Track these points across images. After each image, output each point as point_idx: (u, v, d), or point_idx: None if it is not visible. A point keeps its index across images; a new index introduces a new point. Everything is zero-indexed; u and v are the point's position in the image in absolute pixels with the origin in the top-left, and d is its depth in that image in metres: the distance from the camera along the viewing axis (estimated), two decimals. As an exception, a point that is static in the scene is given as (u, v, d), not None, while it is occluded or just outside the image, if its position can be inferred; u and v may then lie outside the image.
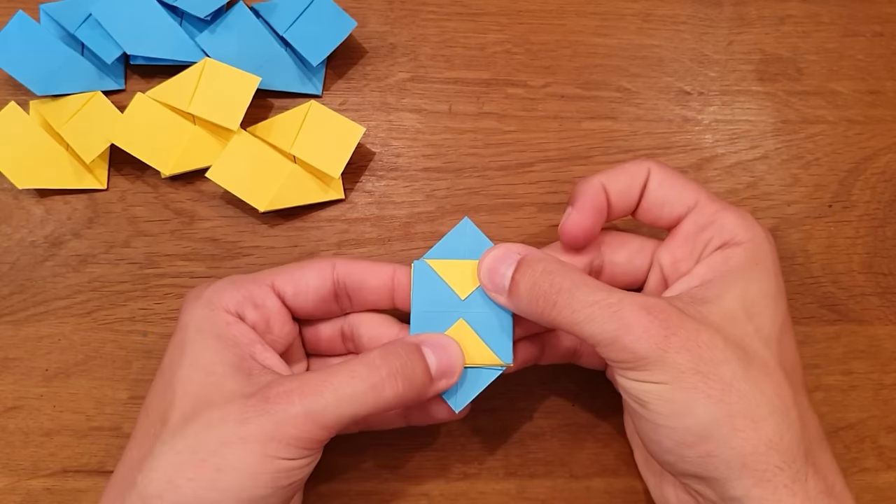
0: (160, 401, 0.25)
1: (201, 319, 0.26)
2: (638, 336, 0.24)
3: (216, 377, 0.25)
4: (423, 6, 0.39)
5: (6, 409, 0.34)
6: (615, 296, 0.25)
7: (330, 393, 0.24)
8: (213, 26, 0.36)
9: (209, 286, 0.28)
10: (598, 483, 0.33)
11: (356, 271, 0.29)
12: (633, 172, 0.29)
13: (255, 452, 0.23)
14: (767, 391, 0.24)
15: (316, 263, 0.29)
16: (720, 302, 0.25)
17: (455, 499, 0.33)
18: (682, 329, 0.24)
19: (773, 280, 0.27)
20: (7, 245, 0.35)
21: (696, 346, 0.24)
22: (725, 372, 0.24)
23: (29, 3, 0.37)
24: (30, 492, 0.33)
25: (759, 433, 0.23)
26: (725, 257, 0.27)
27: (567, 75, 0.38)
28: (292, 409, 0.23)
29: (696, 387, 0.23)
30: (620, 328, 0.24)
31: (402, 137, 0.37)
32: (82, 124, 0.35)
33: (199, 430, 0.24)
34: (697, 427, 0.24)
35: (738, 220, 0.27)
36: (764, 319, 0.26)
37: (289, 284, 0.28)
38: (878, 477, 0.34)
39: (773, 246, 0.27)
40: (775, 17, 0.40)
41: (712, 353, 0.24)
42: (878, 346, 0.36)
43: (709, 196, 0.28)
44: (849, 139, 0.38)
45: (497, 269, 0.27)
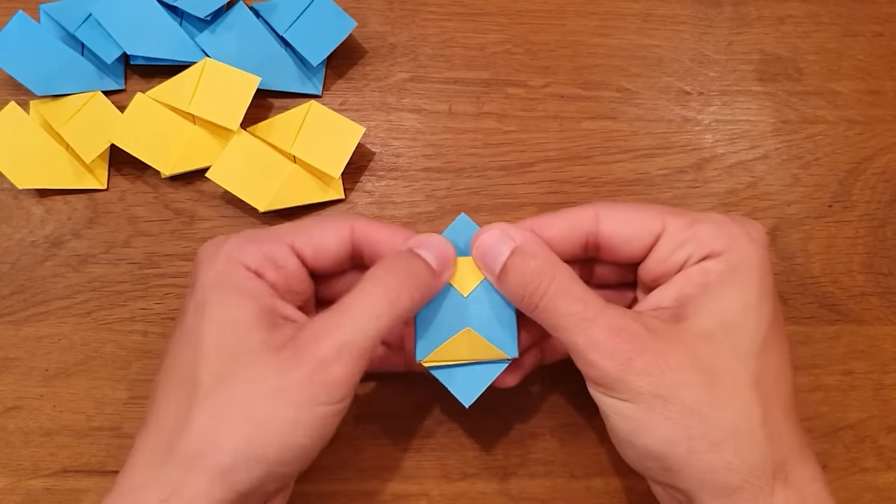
0: (189, 360, 0.25)
1: (219, 275, 0.26)
2: (603, 356, 0.24)
3: (242, 331, 0.25)
4: (423, 6, 0.39)
5: (6, 409, 0.34)
6: (592, 309, 0.25)
7: (351, 322, 0.24)
8: (213, 26, 0.36)
9: (226, 242, 0.27)
10: (598, 483, 0.33)
11: (373, 237, 0.28)
12: (573, 220, 0.28)
13: (295, 403, 0.23)
14: (731, 413, 0.24)
15: (335, 223, 0.28)
16: (696, 319, 0.25)
17: (455, 499, 0.33)
18: (647, 352, 0.24)
19: (755, 289, 0.26)
20: (7, 245, 0.35)
21: (658, 370, 0.24)
22: (687, 396, 0.24)
23: (29, 3, 0.37)
24: (30, 492, 0.33)
25: (718, 455, 0.24)
26: (703, 270, 0.26)
27: (567, 75, 0.38)
28: (322, 348, 0.24)
29: (654, 409, 0.24)
30: (588, 345, 0.24)
31: (402, 137, 0.37)
32: (82, 124, 0.35)
33: (236, 386, 0.24)
34: (656, 446, 0.24)
35: (714, 229, 0.26)
36: (742, 335, 0.25)
37: (308, 246, 0.28)
38: (878, 477, 0.34)
39: (759, 248, 0.27)
40: (775, 17, 0.40)
41: (676, 376, 0.24)
42: (878, 346, 0.36)
43: (675, 213, 0.27)
44: (849, 139, 0.38)
45: (490, 253, 0.27)
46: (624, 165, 0.37)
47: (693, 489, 0.24)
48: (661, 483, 0.26)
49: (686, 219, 0.27)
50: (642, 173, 0.37)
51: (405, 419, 0.34)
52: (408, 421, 0.34)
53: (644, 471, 0.26)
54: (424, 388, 0.34)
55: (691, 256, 0.27)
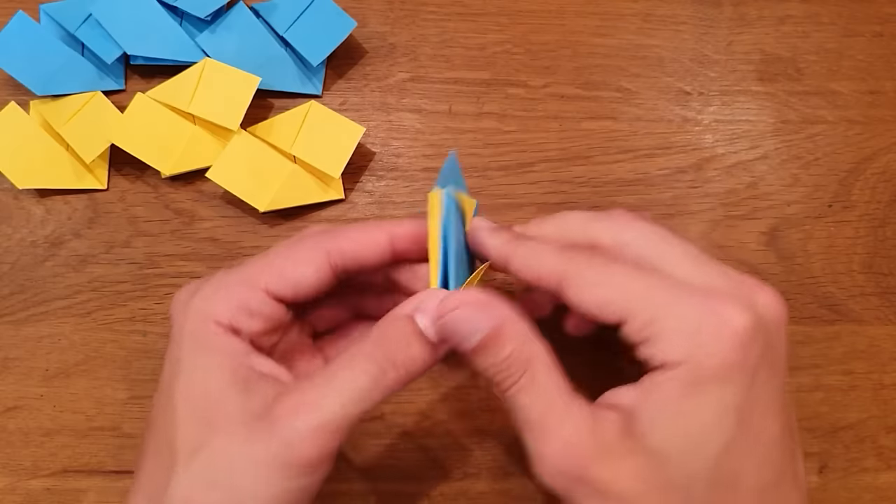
0: (166, 425, 0.24)
1: (192, 334, 0.25)
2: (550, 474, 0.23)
3: (218, 396, 0.24)
4: (423, 6, 0.39)
5: (6, 409, 0.34)
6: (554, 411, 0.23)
7: (334, 398, 0.23)
8: (213, 26, 0.36)
9: (196, 292, 0.26)
10: (598, 483, 0.33)
11: (351, 251, 0.27)
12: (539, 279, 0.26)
13: (271, 473, 0.23)
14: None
15: (307, 254, 0.26)
16: (646, 440, 0.23)
17: (455, 499, 0.33)
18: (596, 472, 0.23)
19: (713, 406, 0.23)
20: (7, 245, 0.35)
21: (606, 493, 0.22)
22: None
23: (29, 3, 0.37)
24: (30, 492, 0.33)
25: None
26: (656, 384, 0.23)
27: (567, 75, 0.38)
28: (299, 424, 0.23)
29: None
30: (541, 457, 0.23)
31: (402, 137, 0.37)
32: (82, 124, 0.35)
33: (208, 460, 0.23)
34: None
35: (675, 333, 0.23)
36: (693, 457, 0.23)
37: (286, 286, 0.26)
38: (878, 477, 0.34)
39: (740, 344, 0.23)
40: (775, 17, 0.40)
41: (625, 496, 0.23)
42: (878, 346, 0.36)
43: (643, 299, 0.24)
44: (849, 139, 0.38)
45: (467, 321, 0.24)
46: (624, 165, 0.37)
47: None
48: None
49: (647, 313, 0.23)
50: (642, 173, 0.37)
51: (405, 419, 0.34)
52: (408, 421, 0.34)
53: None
54: (424, 388, 0.34)
55: (647, 362, 0.24)
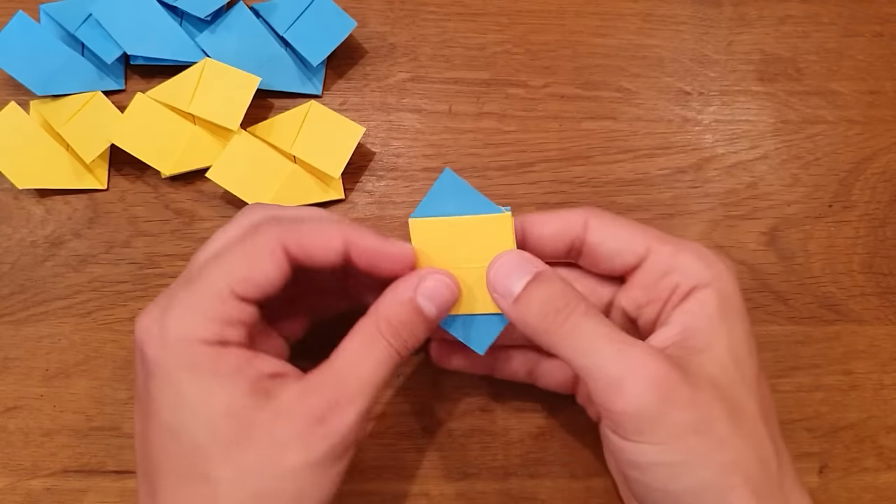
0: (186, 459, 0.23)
1: (188, 367, 0.23)
2: (643, 384, 0.23)
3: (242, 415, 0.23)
4: (423, 6, 0.39)
5: (6, 409, 0.34)
6: (621, 335, 0.24)
7: (369, 387, 0.24)
8: (213, 26, 0.36)
9: (165, 317, 0.24)
10: (598, 483, 0.33)
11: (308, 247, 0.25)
12: (565, 220, 0.28)
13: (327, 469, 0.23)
14: (752, 444, 0.24)
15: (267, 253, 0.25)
16: (711, 352, 0.25)
17: (455, 499, 0.33)
18: (684, 385, 0.23)
19: (745, 319, 0.26)
20: (7, 245, 0.35)
21: (696, 404, 0.23)
22: (721, 430, 0.23)
23: (29, 3, 0.37)
24: (30, 492, 0.33)
25: (750, 486, 0.23)
26: (701, 303, 0.26)
27: (567, 75, 0.38)
28: (348, 418, 0.24)
29: (694, 449, 0.23)
30: (625, 371, 0.23)
31: (402, 137, 0.37)
32: (82, 124, 0.35)
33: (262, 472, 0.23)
34: (694, 488, 0.23)
35: (698, 260, 0.26)
36: (746, 365, 0.25)
37: (251, 288, 0.24)
38: (878, 477, 0.34)
39: (735, 276, 0.27)
40: (775, 17, 0.40)
41: (710, 411, 0.23)
42: (878, 346, 0.36)
43: (659, 238, 0.27)
44: (849, 139, 0.38)
45: (510, 274, 0.26)
46: (624, 165, 0.37)
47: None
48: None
49: (671, 245, 0.27)
50: (642, 173, 0.37)
51: (405, 419, 0.34)
52: (408, 421, 0.34)
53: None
54: (424, 388, 0.34)
55: (678, 288, 0.26)
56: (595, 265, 0.28)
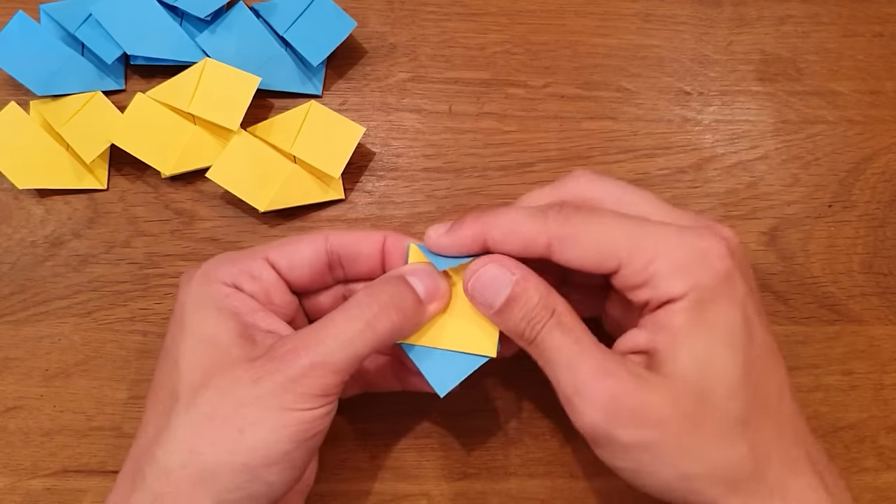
0: (168, 378, 0.26)
1: (198, 294, 0.26)
2: (591, 406, 0.24)
3: (221, 346, 0.25)
4: (423, 6, 0.39)
5: (6, 409, 0.34)
6: (581, 345, 0.25)
7: (331, 339, 0.25)
8: (213, 26, 0.36)
9: (203, 264, 0.28)
10: (598, 483, 0.33)
11: (349, 241, 0.29)
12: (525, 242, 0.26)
13: (272, 408, 0.24)
14: (720, 453, 0.24)
15: (309, 237, 0.29)
16: (671, 367, 0.24)
17: (455, 499, 0.33)
18: (634, 402, 0.24)
19: (724, 326, 0.24)
20: (7, 245, 0.35)
21: (645, 423, 0.24)
22: (675, 444, 0.24)
23: (29, 3, 0.37)
24: (30, 492, 0.33)
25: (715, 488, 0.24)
26: (669, 314, 0.25)
27: (567, 75, 0.38)
28: (300, 361, 0.24)
29: (644, 461, 0.24)
30: (576, 389, 0.24)
31: (402, 137, 0.37)
32: (82, 124, 0.35)
33: (213, 396, 0.24)
34: (654, 490, 0.25)
35: (672, 268, 0.24)
36: (718, 375, 0.24)
37: (283, 258, 0.28)
38: (879, 477, 0.34)
39: (724, 272, 0.25)
40: (775, 17, 0.40)
41: (660, 428, 0.24)
42: (878, 346, 0.36)
43: (632, 242, 0.25)
44: (849, 139, 0.38)
45: (490, 286, 0.26)
46: (624, 165, 0.37)
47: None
48: None
49: (644, 254, 0.25)
50: (642, 173, 0.37)
51: (405, 419, 0.34)
52: (408, 421, 0.34)
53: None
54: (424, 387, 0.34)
55: (650, 301, 0.25)
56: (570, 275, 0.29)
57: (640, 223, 0.25)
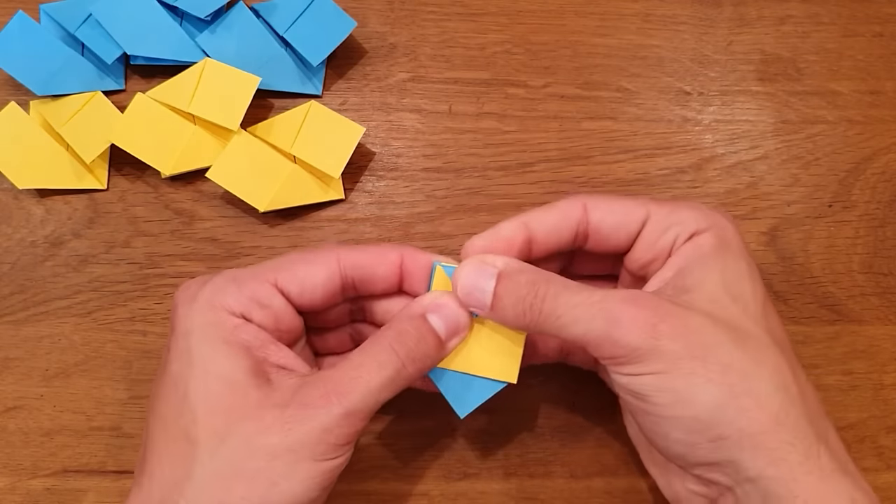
0: (177, 414, 0.24)
1: (205, 325, 0.25)
2: (627, 328, 0.24)
3: (238, 387, 0.24)
4: (423, 6, 0.39)
5: (6, 409, 0.34)
6: (597, 294, 0.25)
7: (363, 387, 0.24)
8: (213, 26, 0.36)
9: (204, 285, 0.26)
10: (598, 483, 0.33)
11: (363, 264, 0.28)
12: (563, 210, 0.28)
13: (304, 459, 0.23)
14: (767, 368, 0.24)
15: (320, 258, 0.27)
16: (702, 287, 0.25)
17: (455, 499, 0.33)
18: (670, 316, 0.24)
19: (746, 261, 0.26)
20: (7, 245, 0.35)
21: (687, 331, 0.24)
22: (722, 353, 0.24)
23: (29, 3, 0.37)
24: (30, 492, 0.33)
25: (766, 411, 0.23)
26: (696, 245, 0.26)
27: (567, 75, 0.38)
28: (333, 410, 0.24)
29: (694, 372, 0.23)
30: (608, 323, 0.24)
31: (402, 137, 0.37)
32: (82, 124, 0.35)
33: (240, 446, 0.23)
34: (703, 413, 0.23)
35: (696, 212, 0.27)
36: (747, 299, 0.26)
37: (293, 283, 0.27)
38: (879, 477, 0.34)
39: (738, 229, 0.27)
40: (775, 17, 0.40)
41: (705, 336, 0.24)
42: (878, 346, 0.36)
43: (657, 202, 0.28)
44: (849, 139, 0.38)
45: (475, 286, 0.26)
46: (624, 165, 0.37)
47: (743, 457, 0.23)
48: (704, 464, 0.25)
49: (668, 206, 0.28)
50: (642, 173, 0.37)
51: (405, 419, 0.34)
52: (408, 421, 0.34)
53: (686, 453, 0.25)
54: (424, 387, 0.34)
55: (678, 237, 0.27)
56: (602, 244, 0.28)
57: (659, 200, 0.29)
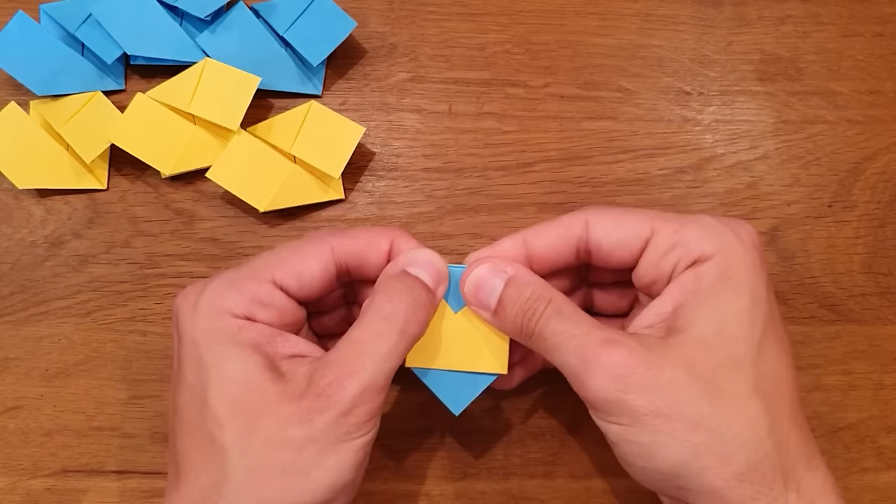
0: (200, 421, 0.24)
1: (211, 331, 0.25)
2: (595, 375, 0.24)
3: (254, 386, 0.24)
4: (423, 6, 0.39)
5: (6, 409, 0.34)
6: (582, 328, 0.25)
7: (370, 361, 0.24)
8: (213, 26, 0.36)
9: (203, 290, 0.26)
10: (598, 483, 0.33)
11: (356, 251, 0.28)
12: (564, 227, 0.28)
13: (331, 443, 0.24)
14: (737, 425, 0.24)
15: (313, 250, 0.27)
16: (693, 329, 0.25)
17: (455, 499, 0.33)
18: (643, 368, 0.24)
19: (748, 293, 0.25)
20: (7, 245, 0.35)
21: (657, 386, 0.23)
22: (691, 411, 0.23)
23: (29, 3, 0.37)
24: (30, 492, 0.33)
25: (729, 468, 0.23)
26: (696, 276, 0.25)
27: (567, 75, 0.38)
28: (346, 393, 0.24)
29: (659, 430, 0.23)
30: (580, 364, 0.24)
31: (402, 137, 0.37)
32: (82, 124, 0.35)
33: (267, 443, 0.23)
34: (666, 468, 0.24)
35: (702, 232, 0.26)
36: (739, 342, 0.25)
37: (291, 278, 0.27)
38: (879, 477, 0.34)
39: (750, 249, 0.26)
40: (775, 17, 0.40)
41: (675, 392, 0.23)
42: (878, 346, 0.36)
43: (664, 218, 0.27)
44: (849, 139, 0.38)
45: (484, 287, 0.27)
46: (624, 165, 0.37)
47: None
48: (674, 499, 0.25)
49: (674, 223, 0.27)
50: (642, 173, 0.37)
51: (405, 419, 0.34)
52: (408, 421, 0.34)
53: (656, 490, 0.26)
54: (424, 388, 0.34)
55: (680, 261, 0.26)
56: (605, 261, 0.28)
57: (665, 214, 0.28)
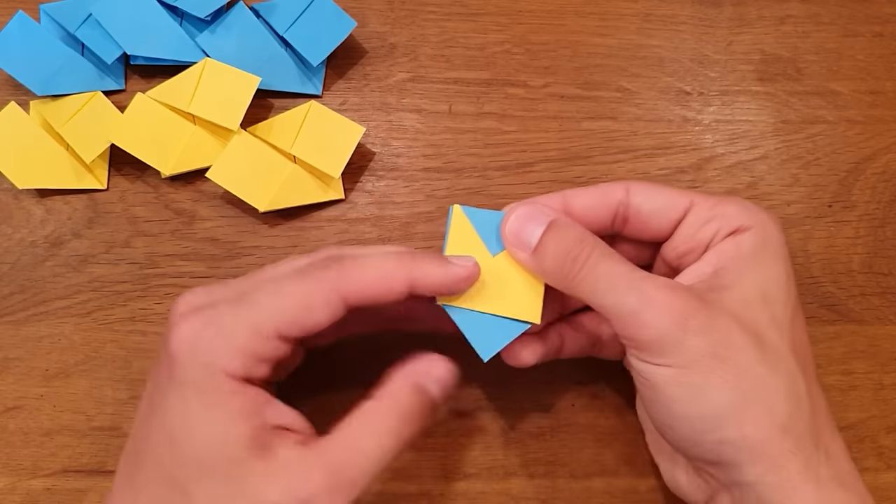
0: (174, 465, 0.24)
1: (203, 389, 0.24)
2: (659, 312, 0.24)
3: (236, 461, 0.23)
4: (423, 6, 0.39)
5: (6, 409, 0.34)
6: (639, 271, 0.25)
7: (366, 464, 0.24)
8: (213, 26, 0.36)
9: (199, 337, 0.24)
10: (598, 483, 0.33)
11: (370, 294, 0.25)
12: (605, 190, 0.28)
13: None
14: (782, 377, 0.24)
15: (322, 299, 0.25)
16: (736, 289, 0.25)
17: (455, 499, 0.33)
18: (701, 312, 0.24)
19: (784, 265, 0.26)
20: (7, 245, 0.35)
21: (714, 330, 0.24)
22: (742, 358, 0.24)
23: (29, 3, 0.37)
24: (30, 492, 0.33)
25: (774, 419, 0.23)
26: (737, 243, 0.26)
27: (567, 75, 0.38)
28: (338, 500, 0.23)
29: (712, 371, 0.23)
30: (641, 303, 0.24)
31: (402, 137, 0.37)
32: (82, 124, 0.35)
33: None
34: (712, 413, 0.24)
35: (741, 208, 0.27)
36: (777, 305, 0.26)
37: (295, 327, 0.25)
38: (879, 477, 0.34)
39: (781, 229, 0.27)
40: (775, 17, 0.40)
41: (729, 338, 0.24)
42: (878, 346, 0.36)
43: (702, 194, 0.28)
44: (849, 139, 0.38)
45: (525, 226, 0.27)
46: (624, 165, 0.37)
47: (744, 462, 0.24)
48: (705, 460, 0.25)
49: (713, 198, 0.28)
50: (642, 173, 0.37)
51: (405, 419, 0.34)
52: (408, 421, 0.34)
53: (689, 448, 0.25)
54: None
55: (719, 231, 0.27)
56: (642, 229, 0.28)
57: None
